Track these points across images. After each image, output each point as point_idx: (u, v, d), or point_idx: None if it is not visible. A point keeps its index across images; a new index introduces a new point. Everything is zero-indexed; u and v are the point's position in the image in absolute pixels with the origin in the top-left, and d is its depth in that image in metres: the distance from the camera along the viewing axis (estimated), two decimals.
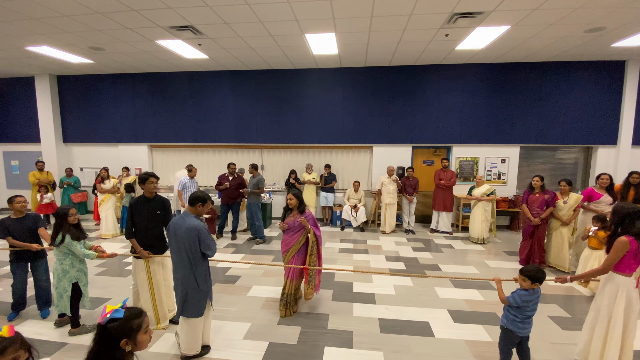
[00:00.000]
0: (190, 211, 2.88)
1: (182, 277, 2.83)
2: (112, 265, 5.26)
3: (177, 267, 2.85)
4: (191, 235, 2.73)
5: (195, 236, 2.73)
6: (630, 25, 5.08)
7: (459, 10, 4.58)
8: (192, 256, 2.78)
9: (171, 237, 2.84)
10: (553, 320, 3.67)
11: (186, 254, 2.78)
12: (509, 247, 6.39)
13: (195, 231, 2.73)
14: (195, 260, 2.80)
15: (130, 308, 1.40)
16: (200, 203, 2.85)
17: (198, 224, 2.77)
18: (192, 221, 2.78)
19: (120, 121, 8.63)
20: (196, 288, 2.83)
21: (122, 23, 5.10)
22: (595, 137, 7.34)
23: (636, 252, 2.47)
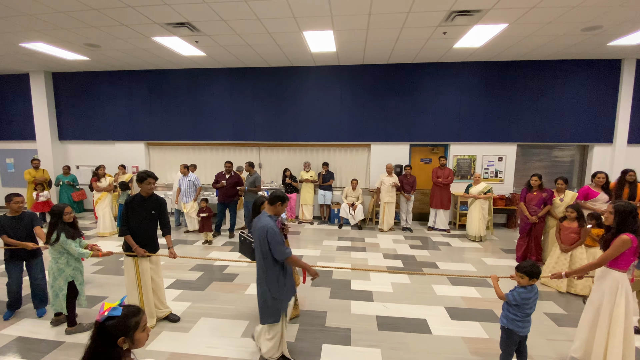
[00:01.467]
0: (269, 210, 2.74)
1: (258, 279, 2.75)
2: (108, 263, 5.24)
3: (258, 267, 2.75)
4: (261, 234, 2.60)
5: (264, 236, 2.59)
6: (626, 24, 5.10)
7: (457, 8, 4.58)
8: (263, 257, 2.66)
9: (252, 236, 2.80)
10: (549, 317, 3.70)
11: (260, 252, 2.68)
12: (506, 244, 6.43)
13: (264, 230, 2.58)
14: (266, 261, 2.66)
15: (128, 306, 1.39)
16: (280, 202, 2.72)
17: (267, 223, 2.60)
18: (264, 220, 2.64)
19: (117, 119, 8.57)
20: (267, 292, 2.68)
21: (118, 19, 5.06)
22: (591, 135, 7.38)
23: (636, 249, 2.50)
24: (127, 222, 3.35)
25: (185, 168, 6.89)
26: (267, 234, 2.57)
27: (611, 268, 2.59)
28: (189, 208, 6.91)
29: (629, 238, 2.47)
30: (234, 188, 6.61)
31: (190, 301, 4.01)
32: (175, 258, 3.48)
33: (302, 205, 7.98)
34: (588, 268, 2.74)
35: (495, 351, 2.80)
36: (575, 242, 4.30)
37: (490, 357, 2.95)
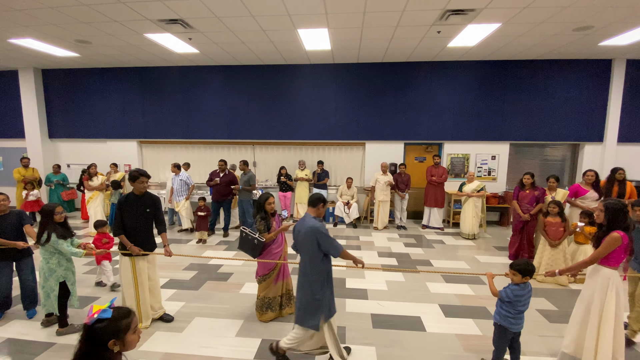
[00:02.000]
0: (312, 212, 2.78)
1: (299, 282, 2.76)
2: None
3: (302, 271, 2.76)
4: (310, 236, 2.62)
5: (314, 237, 2.61)
6: (617, 25, 5.17)
7: (451, 7, 4.59)
8: (309, 259, 2.67)
9: (295, 240, 2.80)
10: (541, 314, 3.75)
11: (307, 255, 2.68)
12: (499, 242, 6.50)
13: (313, 232, 2.61)
14: (312, 263, 2.67)
15: (118, 308, 1.36)
16: (322, 204, 2.79)
17: (316, 224, 2.65)
18: (312, 222, 2.68)
19: (109, 117, 8.45)
20: (310, 294, 2.68)
21: (109, 15, 4.98)
22: (582, 134, 7.49)
23: (626, 246, 2.54)
24: (120, 222, 3.30)
25: (175, 167, 6.82)
26: (318, 234, 2.61)
27: (602, 265, 2.63)
28: (180, 206, 6.85)
29: (619, 235, 2.51)
30: (228, 187, 6.57)
31: (184, 301, 3.98)
32: (171, 256, 3.45)
33: (297, 203, 7.96)
34: (580, 266, 2.78)
35: (488, 348, 2.83)
36: (563, 235, 4.45)
37: (483, 354, 2.98)
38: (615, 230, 2.55)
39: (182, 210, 6.87)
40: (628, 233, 2.55)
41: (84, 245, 3.35)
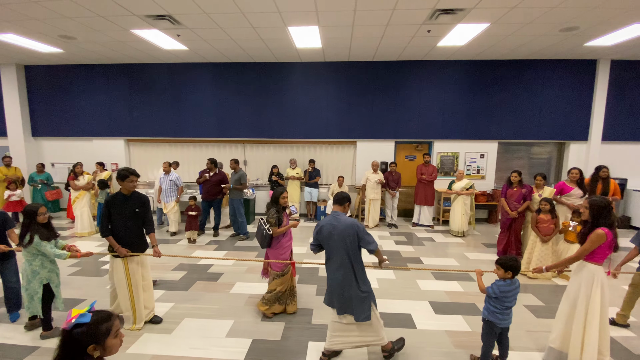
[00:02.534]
0: (340, 210, 2.85)
1: (342, 278, 2.72)
2: (87, 264, 5.06)
3: (339, 269, 2.73)
4: (350, 232, 2.66)
5: (355, 232, 2.67)
6: (601, 26, 5.29)
7: (440, 6, 4.62)
8: (351, 254, 2.70)
9: (328, 238, 2.74)
10: (528, 309, 3.82)
11: (346, 252, 2.69)
12: (488, 239, 6.59)
13: (353, 227, 2.68)
14: (355, 258, 2.73)
15: (98, 311, 1.32)
16: (348, 202, 2.88)
17: (354, 220, 2.75)
18: (348, 218, 2.76)
19: (94, 114, 8.26)
20: (357, 289, 2.72)
21: (93, 10, 4.85)
22: (568, 133, 7.65)
23: (611, 243, 2.59)
24: (108, 222, 3.24)
25: (169, 166, 6.68)
26: (358, 229, 2.68)
27: (587, 261, 2.68)
28: (169, 208, 6.68)
29: (603, 232, 2.57)
30: (218, 186, 6.49)
31: (173, 302, 3.92)
32: (160, 257, 3.39)
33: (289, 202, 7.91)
34: (567, 262, 2.83)
35: (477, 344, 2.87)
36: (553, 232, 4.56)
37: (473, 350, 3.02)
38: (600, 227, 2.61)
39: (171, 213, 6.68)
40: (612, 230, 2.62)
41: (68, 247, 3.26)
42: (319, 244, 2.86)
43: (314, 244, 2.89)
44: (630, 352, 3.05)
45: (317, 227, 2.82)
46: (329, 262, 2.82)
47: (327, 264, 2.85)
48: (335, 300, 2.79)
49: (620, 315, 3.43)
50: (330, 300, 2.85)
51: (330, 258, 2.79)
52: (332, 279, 2.79)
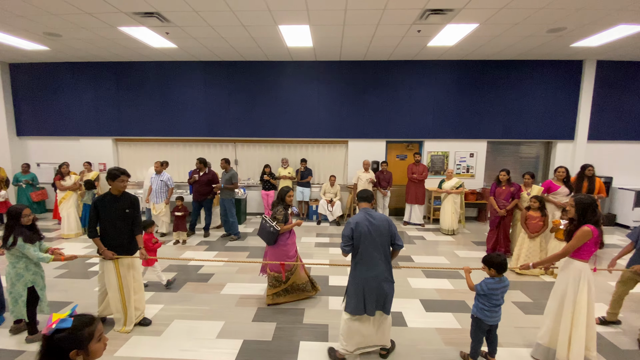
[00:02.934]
0: (369, 206, 2.82)
1: (380, 275, 2.68)
2: (74, 266, 4.96)
3: (376, 265, 2.66)
4: (386, 226, 2.69)
5: (389, 227, 2.70)
6: (588, 27, 5.39)
7: (430, 6, 4.65)
8: (387, 249, 2.71)
9: (366, 235, 2.63)
10: (516, 306, 3.88)
11: (382, 247, 2.68)
12: (477, 237, 6.68)
13: (388, 222, 2.72)
14: (387, 253, 2.73)
15: (80, 316, 1.28)
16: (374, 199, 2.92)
17: (387, 216, 2.79)
18: (381, 214, 2.77)
19: (81, 113, 8.10)
20: (392, 282, 2.75)
21: (79, 7, 4.75)
22: (554, 132, 7.79)
23: (596, 240, 2.65)
24: (95, 224, 3.18)
25: (160, 165, 6.49)
26: (391, 225, 2.72)
27: (574, 258, 2.73)
28: (159, 210, 6.47)
29: (589, 229, 2.61)
30: (208, 186, 6.43)
31: (163, 303, 3.87)
32: (146, 259, 3.35)
33: None
34: (553, 259, 2.88)
35: (467, 341, 2.90)
36: (541, 229, 4.65)
37: (462, 347, 3.06)
38: (586, 224, 2.66)
39: (162, 214, 6.47)
40: (598, 227, 2.67)
41: (52, 250, 3.19)
42: (352, 243, 2.69)
43: (348, 244, 2.69)
44: (616, 348, 3.12)
45: (351, 226, 2.66)
46: (361, 262, 2.68)
47: (357, 265, 2.70)
48: (370, 301, 2.67)
49: (611, 314, 3.49)
50: (358, 305, 2.69)
51: (365, 256, 2.66)
52: (367, 279, 2.66)
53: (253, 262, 4.23)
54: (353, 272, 2.75)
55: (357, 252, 2.69)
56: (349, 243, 2.68)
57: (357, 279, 2.71)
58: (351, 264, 2.78)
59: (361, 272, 2.69)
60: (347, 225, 2.70)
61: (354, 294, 2.71)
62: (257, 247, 5.93)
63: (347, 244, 2.68)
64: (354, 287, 2.72)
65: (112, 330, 3.31)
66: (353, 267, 2.75)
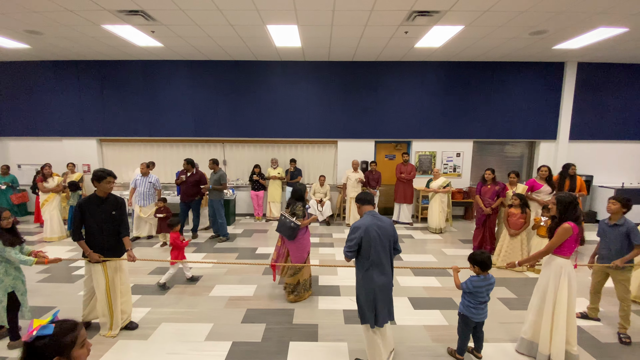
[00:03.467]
0: (372, 209, 2.74)
1: (388, 281, 2.61)
2: (57, 270, 4.83)
3: (385, 271, 2.57)
4: (392, 230, 2.64)
5: (394, 231, 2.67)
6: (569, 29, 5.55)
7: (417, 8, 4.71)
8: (392, 253, 2.66)
9: (375, 240, 2.51)
10: (502, 302, 3.97)
11: (389, 252, 2.62)
12: (464, 235, 6.80)
13: (393, 226, 2.67)
14: (392, 256, 2.68)
15: (62, 322, 1.25)
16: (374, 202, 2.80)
17: (387, 219, 2.69)
18: (385, 217, 2.70)
19: (64, 113, 7.89)
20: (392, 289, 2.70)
21: (61, 4, 4.63)
22: (538, 132, 7.99)
23: (577, 236, 2.73)
24: (80, 226, 3.12)
25: (146, 167, 6.36)
26: (394, 229, 2.67)
27: (556, 255, 2.81)
28: (147, 213, 6.29)
29: (570, 226, 2.70)
30: (195, 187, 6.33)
31: (150, 306, 3.81)
32: (134, 261, 3.29)
33: (270, 202, 7.88)
34: (537, 256, 2.96)
35: (454, 337, 2.95)
36: (522, 226, 4.77)
37: (449, 343, 3.11)
38: (567, 221, 2.74)
39: (150, 217, 6.28)
40: (578, 224, 2.75)
41: (35, 253, 3.10)
42: (358, 249, 2.55)
43: (354, 249, 2.53)
44: (597, 341, 3.22)
45: (360, 230, 2.50)
46: (372, 268, 2.53)
47: (368, 271, 2.54)
48: (382, 311, 2.57)
49: (592, 309, 3.60)
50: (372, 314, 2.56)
51: (376, 262, 2.52)
52: (379, 286, 2.54)
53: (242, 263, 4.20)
54: (362, 281, 2.57)
55: (367, 258, 2.52)
56: (355, 249, 2.53)
57: (368, 287, 2.55)
58: (359, 271, 2.61)
59: (372, 279, 2.53)
60: (354, 230, 2.53)
61: (365, 303, 2.56)
62: (247, 249, 5.89)
63: (353, 250, 2.53)
64: (365, 298, 2.56)
65: (97, 334, 3.24)
66: (362, 275, 2.57)
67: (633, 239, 3.11)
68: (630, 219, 3.25)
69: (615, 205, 3.20)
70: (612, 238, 3.24)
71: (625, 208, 3.19)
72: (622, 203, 3.18)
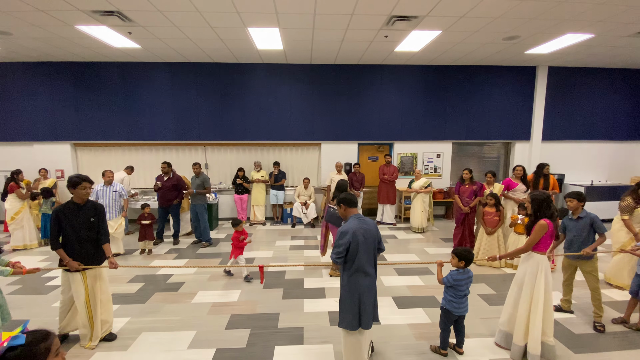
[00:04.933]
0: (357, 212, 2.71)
1: (372, 283, 2.60)
2: (29, 281, 4.60)
3: (370, 273, 2.56)
4: (376, 231, 2.64)
5: (377, 231, 2.66)
6: (539, 35, 5.81)
7: (396, 13, 4.81)
8: (374, 257, 2.65)
9: (363, 243, 2.49)
10: (481, 298, 4.09)
11: (374, 254, 2.63)
12: (445, 234, 6.96)
13: (376, 226, 2.68)
14: (376, 257, 2.67)
15: (33, 331, 1.23)
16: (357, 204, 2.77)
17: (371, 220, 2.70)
18: (369, 218, 2.69)
19: (36, 117, 7.54)
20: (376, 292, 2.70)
21: (31, 4, 4.44)
22: (513, 133, 8.30)
23: (552, 232, 2.86)
24: (57, 235, 2.99)
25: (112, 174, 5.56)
26: (377, 228, 2.66)
27: (533, 251, 2.94)
28: (115, 226, 5.41)
29: (545, 223, 2.83)
30: (173, 191, 6.19)
31: (130, 316, 3.70)
32: (116, 268, 3.18)
33: (254, 206, 7.81)
34: (517, 252, 3.08)
35: (437, 334, 3.02)
36: (498, 224, 5.00)
37: (432, 340, 3.17)
38: (542, 218, 2.87)
39: (118, 232, 5.47)
40: (553, 220, 2.89)
41: (12, 264, 2.94)
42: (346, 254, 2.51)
43: (342, 255, 2.50)
44: (571, 332, 3.37)
45: (348, 235, 2.47)
46: (357, 272, 2.52)
47: (353, 276, 2.52)
48: (366, 313, 2.55)
49: (564, 301, 3.77)
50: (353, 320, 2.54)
51: (361, 265, 2.51)
52: (364, 289, 2.53)
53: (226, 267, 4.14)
54: (347, 285, 2.55)
55: (353, 262, 2.51)
56: (344, 254, 2.50)
57: (353, 291, 2.53)
58: (344, 275, 2.58)
59: (358, 282, 2.52)
60: (342, 235, 2.49)
61: (350, 308, 2.54)
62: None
63: (342, 255, 2.50)
64: (349, 301, 2.54)
65: (76, 346, 3.11)
66: (347, 279, 2.55)
67: (597, 229, 3.34)
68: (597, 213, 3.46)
69: (572, 202, 3.42)
70: (576, 231, 3.45)
71: (582, 202, 3.41)
72: (577, 199, 3.40)
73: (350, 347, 2.63)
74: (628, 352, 3.06)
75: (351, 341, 2.62)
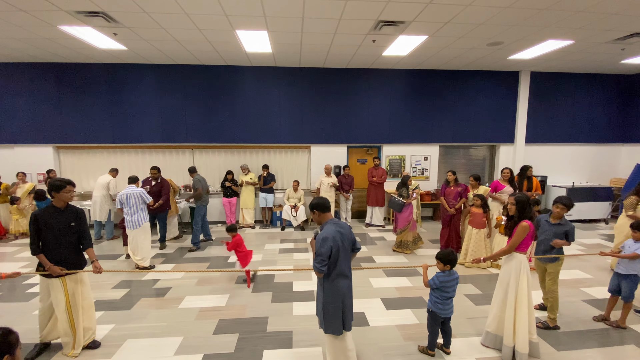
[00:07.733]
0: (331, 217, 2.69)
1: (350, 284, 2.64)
2: (7, 288, 4.44)
3: (348, 276, 2.60)
4: (351, 234, 2.66)
5: (352, 233, 2.69)
6: (522, 41, 5.98)
7: (383, 18, 4.88)
8: (350, 260, 2.67)
9: (342, 247, 2.50)
10: (468, 298, 4.16)
11: (349, 255, 2.64)
12: (433, 235, 7.05)
13: (351, 229, 2.70)
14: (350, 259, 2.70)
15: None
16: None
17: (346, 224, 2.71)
18: (343, 222, 2.75)
19: (16, 118, 7.32)
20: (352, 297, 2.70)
21: (12, 3, 4.33)
22: (497, 136, 8.50)
23: (533, 233, 2.93)
24: (37, 239, 2.91)
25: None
26: (351, 230, 2.73)
27: (515, 251, 3.01)
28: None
29: (527, 224, 2.90)
30: (158, 197, 6.07)
31: (114, 323, 3.61)
32: (101, 273, 3.11)
33: (243, 209, 7.74)
34: (501, 253, 3.14)
35: (425, 335, 3.06)
36: (486, 224, 5.11)
37: (420, 341, 3.21)
38: (524, 219, 2.94)
39: None
40: (533, 221, 2.97)
41: None
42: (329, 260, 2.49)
43: (325, 263, 2.44)
44: (553, 330, 3.46)
45: (329, 241, 2.43)
46: (338, 277, 2.52)
47: (334, 281, 2.52)
48: (348, 314, 2.60)
49: (546, 299, 3.85)
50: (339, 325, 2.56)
51: (340, 270, 2.52)
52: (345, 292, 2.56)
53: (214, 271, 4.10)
54: (330, 290, 2.52)
55: (334, 268, 2.50)
56: (327, 262, 2.45)
57: (336, 296, 2.52)
58: (326, 281, 2.54)
59: (339, 287, 2.53)
60: (324, 243, 2.43)
61: (335, 314, 2.53)
62: (218, 257, 5.75)
63: (326, 263, 2.45)
64: (334, 307, 2.52)
65: (58, 354, 3.02)
66: (329, 285, 2.52)
67: (570, 237, 3.41)
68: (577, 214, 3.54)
69: (563, 210, 3.44)
70: (549, 234, 3.49)
71: (568, 210, 3.47)
72: (567, 207, 3.43)
73: (339, 352, 2.63)
74: (609, 348, 3.16)
75: (339, 346, 2.62)
